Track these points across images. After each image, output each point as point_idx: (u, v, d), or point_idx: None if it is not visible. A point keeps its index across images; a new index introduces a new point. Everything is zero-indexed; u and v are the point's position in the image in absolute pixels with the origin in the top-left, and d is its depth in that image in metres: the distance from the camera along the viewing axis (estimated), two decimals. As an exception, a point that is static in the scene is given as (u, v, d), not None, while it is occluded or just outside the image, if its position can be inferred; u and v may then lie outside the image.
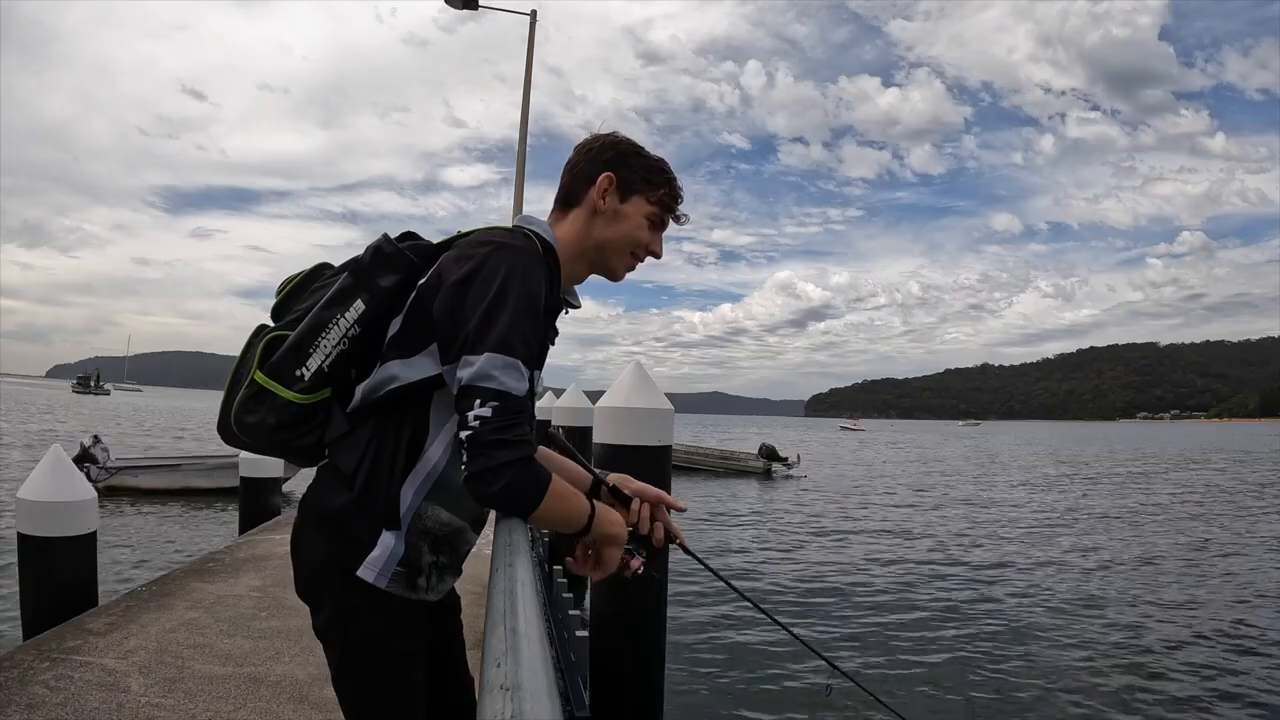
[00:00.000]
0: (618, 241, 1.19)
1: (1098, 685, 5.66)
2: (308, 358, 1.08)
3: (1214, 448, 47.15)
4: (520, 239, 1.09)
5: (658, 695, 2.65)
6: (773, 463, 23.91)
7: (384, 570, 1.08)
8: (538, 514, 0.99)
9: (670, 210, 1.23)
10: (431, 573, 1.13)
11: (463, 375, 0.98)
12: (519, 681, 1.09)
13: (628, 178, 1.19)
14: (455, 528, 1.14)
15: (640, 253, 1.22)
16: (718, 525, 13.38)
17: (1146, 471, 28.21)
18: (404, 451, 1.08)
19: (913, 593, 8.64)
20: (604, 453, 2.73)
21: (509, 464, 0.95)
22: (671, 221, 1.25)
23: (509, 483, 0.95)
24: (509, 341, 0.98)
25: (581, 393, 5.93)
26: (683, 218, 1.26)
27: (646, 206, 1.20)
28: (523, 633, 1.33)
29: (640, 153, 1.22)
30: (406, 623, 1.13)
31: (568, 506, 1.04)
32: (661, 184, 1.20)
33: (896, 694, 5.50)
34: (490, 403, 0.95)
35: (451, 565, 1.18)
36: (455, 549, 1.17)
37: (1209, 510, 16.36)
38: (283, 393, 1.08)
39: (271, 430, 1.10)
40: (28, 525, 3.44)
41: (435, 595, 1.18)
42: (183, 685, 2.60)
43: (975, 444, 56.18)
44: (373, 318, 1.09)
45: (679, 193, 1.23)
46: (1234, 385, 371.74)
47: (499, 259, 1.03)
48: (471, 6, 12.27)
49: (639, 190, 1.19)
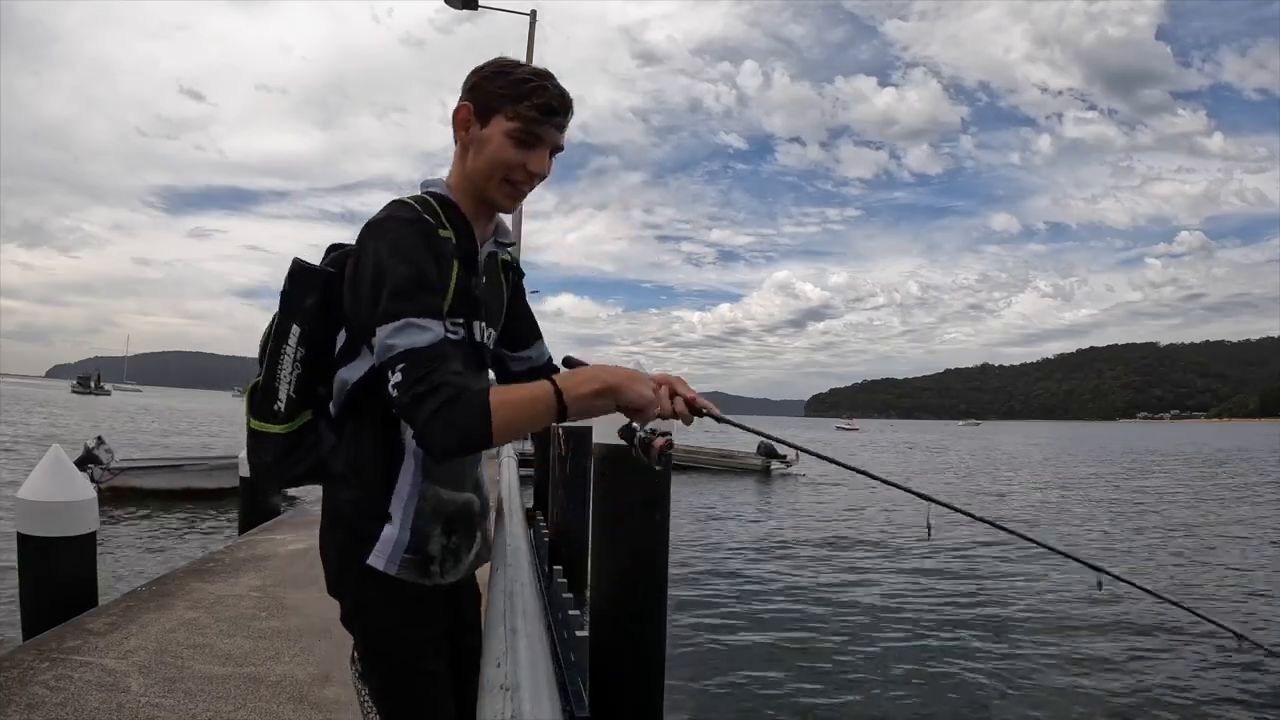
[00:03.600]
0: (484, 169, 1.14)
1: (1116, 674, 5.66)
2: (276, 392, 1.14)
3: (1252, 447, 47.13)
4: (394, 208, 1.10)
5: (658, 695, 2.65)
6: (771, 460, 23.95)
7: (392, 558, 1.11)
8: (499, 429, 0.98)
9: (539, 122, 1.11)
10: (446, 557, 1.16)
11: (375, 360, 1.03)
12: (519, 681, 1.09)
13: (484, 101, 1.13)
14: (460, 502, 1.17)
15: (514, 175, 1.14)
16: (717, 523, 13.38)
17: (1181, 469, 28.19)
18: (384, 443, 1.13)
19: (912, 583, 8.64)
20: (605, 453, 2.73)
21: (436, 412, 0.96)
22: (555, 129, 1.14)
23: (444, 427, 0.96)
24: (393, 310, 1.00)
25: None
26: (561, 109, 1.13)
27: (506, 124, 1.11)
28: (523, 632, 1.33)
29: (504, 71, 1.13)
30: (420, 610, 1.16)
31: (521, 402, 1.01)
32: (523, 96, 1.11)
33: (897, 693, 5.50)
34: (397, 368, 0.98)
35: (466, 544, 1.20)
36: (468, 523, 1.19)
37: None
38: (270, 429, 1.15)
39: (272, 466, 1.17)
40: (28, 525, 3.44)
41: (452, 577, 1.19)
42: (183, 685, 2.60)
43: (977, 443, 56.19)
44: (311, 338, 1.14)
45: (550, 102, 1.11)
46: (1234, 385, 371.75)
47: (366, 241, 1.06)
48: (471, 6, 12.28)
49: (497, 109, 1.12)
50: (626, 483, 2.74)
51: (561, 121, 1.15)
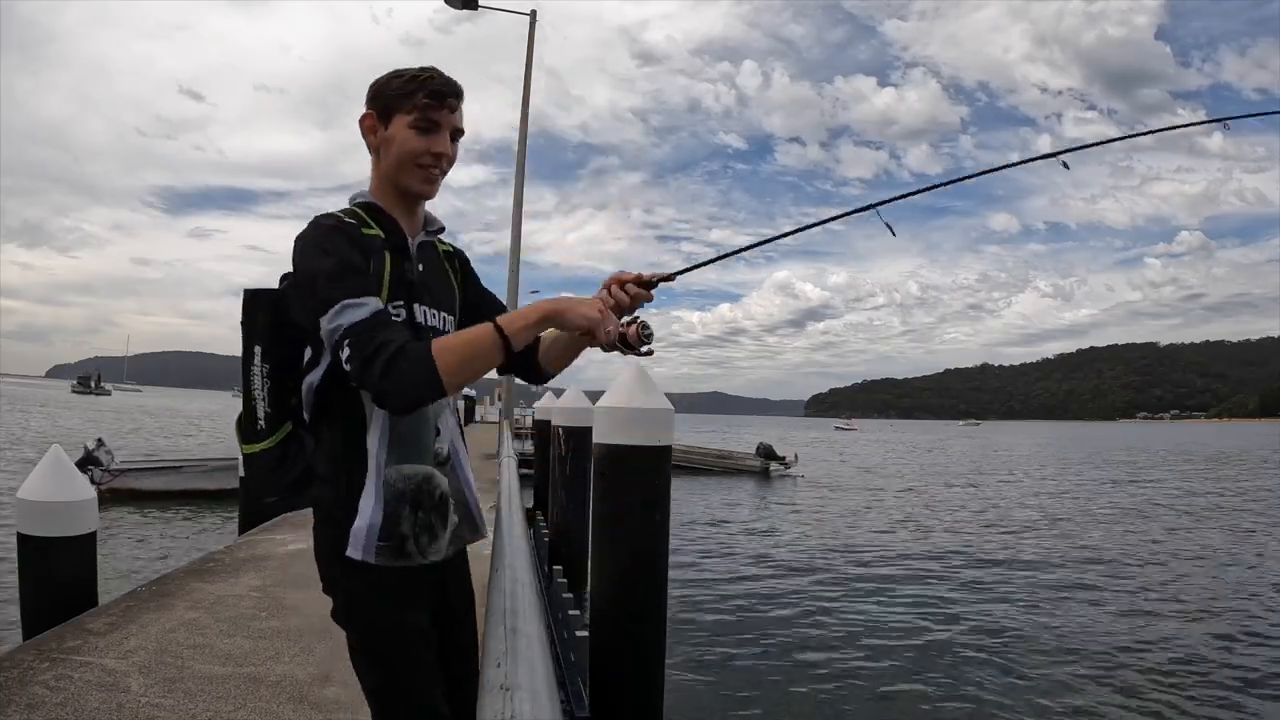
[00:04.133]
0: (396, 163, 1.23)
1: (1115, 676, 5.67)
2: (255, 411, 1.25)
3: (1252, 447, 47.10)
4: (314, 220, 1.20)
5: (658, 695, 2.65)
6: (770, 462, 23.94)
7: (368, 547, 1.16)
8: (446, 373, 1.07)
9: (433, 108, 1.21)
10: (420, 534, 1.20)
11: (327, 351, 1.14)
12: (519, 681, 1.09)
13: (384, 104, 1.23)
14: (420, 475, 1.22)
15: (422, 160, 1.23)
16: (716, 524, 13.38)
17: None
18: (350, 437, 1.20)
19: (908, 585, 8.64)
20: (605, 453, 2.73)
21: (385, 370, 1.05)
22: (448, 110, 1.23)
23: (395, 381, 1.06)
24: (327, 299, 1.10)
25: (581, 393, 5.92)
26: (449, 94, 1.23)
27: (405, 118, 1.21)
28: (523, 632, 1.33)
29: (396, 75, 1.24)
30: (404, 595, 1.21)
31: (462, 344, 1.11)
32: (412, 91, 1.21)
33: (897, 693, 5.50)
34: (345, 344, 1.08)
35: (439, 520, 1.24)
36: (433, 497, 1.23)
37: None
38: (258, 447, 1.26)
39: (264, 479, 1.27)
40: (27, 525, 3.44)
41: (434, 555, 1.23)
42: (183, 685, 2.60)
43: (979, 443, 56.19)
44: (274, 354, 1.24)
45: (439, 88, 1.22)
46: (1234, 385, 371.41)
47: (294, 254, 1.17)
48: (471, 6, 12.28)
49: (396, 108, 1.22)
50: (626, 483, 2.74)
51: (453, 104, 1.24)
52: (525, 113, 13.18)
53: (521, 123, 13.21)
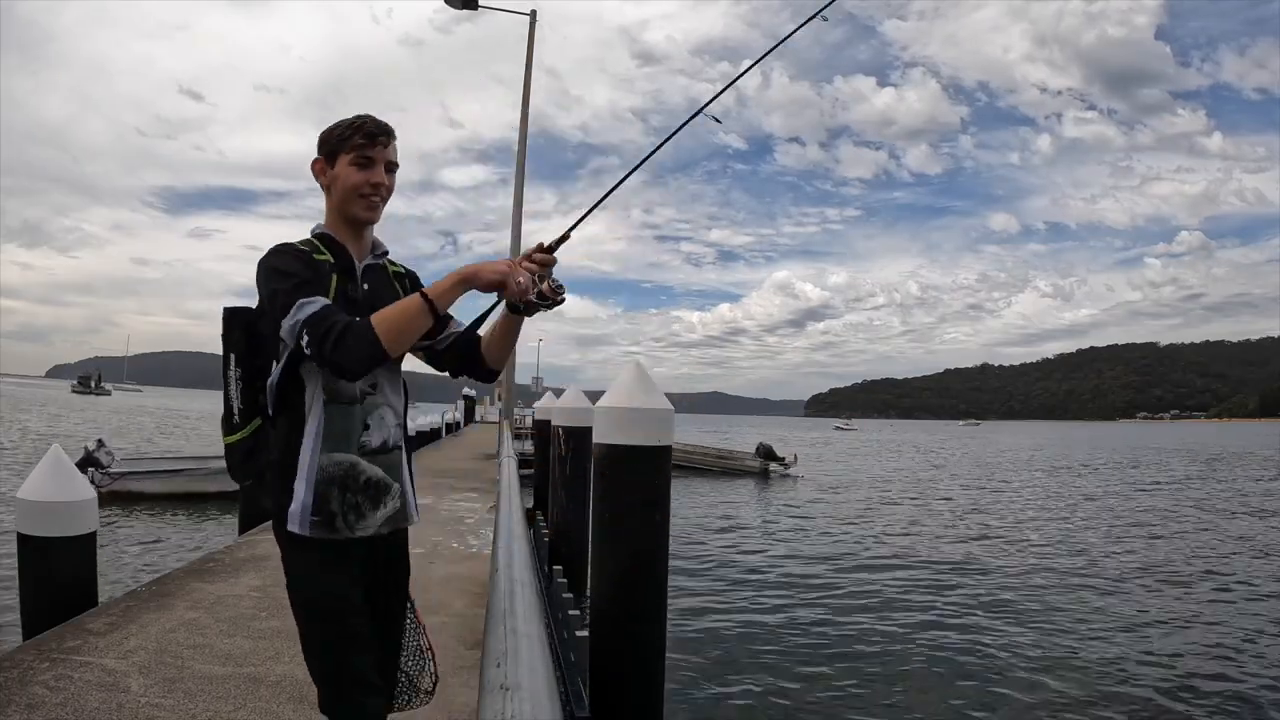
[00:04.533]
0: (342, 197, 1.47)
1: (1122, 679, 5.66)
2: (231, 408, 1.49)
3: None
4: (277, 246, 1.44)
5: (658, 695, 2.65)
6: (770, 462, 23.92)
7: (303, 522, 1.39)
8: (385, 338, 1.30)
9: (367, 145, 1.44)
10: (348, 512, 1.41)
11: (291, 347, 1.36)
12: (519, 681, 1.09)
13: (329, 150, 1.47)
14: (348, 463, 1.42)
15: (364, 190, 1.46)
16: (716, 525, 13.37)
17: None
18: (297, 424, 1.42)
19: (907, 588, 8.64)
20: (605, 453, 2.73)
21: (335, 345, 1.29)
22: (380, 146, 1.45)
23: (344, 352, 1.30)
24: (285, 303, 1.34)
25: (581, 393, 5.92)
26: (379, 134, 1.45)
27: (346, 157, 1.45)
28: (523, 633, 1.33)
29: (337, 124, 1.47)
30: (335, 562, 1.41)
31: (394, 312, 1.34)
32: (350, 135, 1.44)
33: (896, 693, 5.50)
34: (303, 333, 1.31)
35: (369, 501, 1.44)
36: (359, 481, 1.43)
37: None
38: (233, 439, 1.50)
39: (241, 466, 1.51)
40: (27, 525, 3.44)
41: (365, 531, 1.43)
42: (183, 685, 2.60)
43: (979, 443, 56.19)
44: (245, 361, 1.48)
45: (369, 128, 1.45)
46: (1234, 385, 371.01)
47: (259, 275, 1.40)
48: (471, 6, 12.27)
49: (339, 151, 1.46)
50: (626, 483, 2.74)
51: (385, 141, 1.46)
52: (525, 113, 13.18)
53: (522, 123, 13.21)
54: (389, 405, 1.49)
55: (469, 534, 5.95)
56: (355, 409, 1.43)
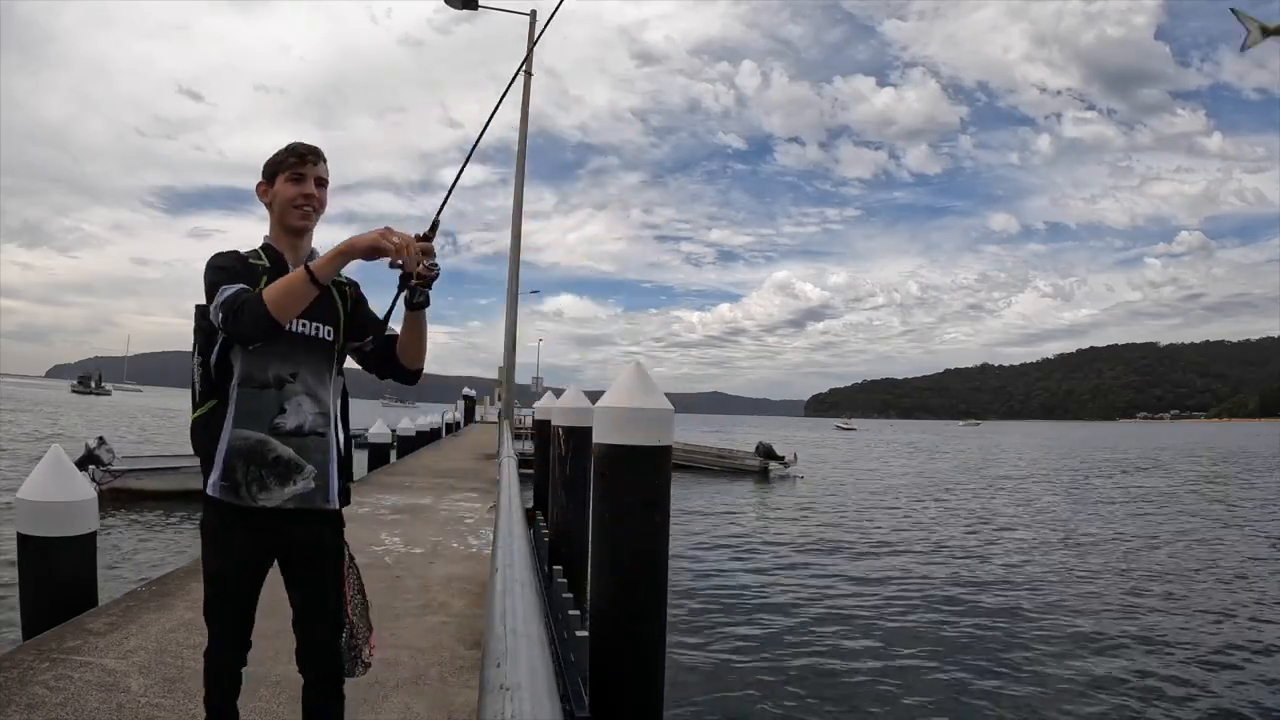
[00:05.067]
0: (280, 210, 1.72)
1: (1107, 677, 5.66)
2: (195, 388, 1.71)
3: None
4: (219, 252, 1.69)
5: (658, 695, 2.65)
6: (770, 461, 23.91)
7: (214, 485, 1.65)
8: (273, 306, 1.51)
9: (298, 164, 1.70)
10: (251, 482, 1.62)
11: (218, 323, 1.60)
12: (519, 681, 1.09)
13: (269, 172, 1.73)
14: (254, 440, 1.63)
15: (298, 201, 1.70)
16: (717, 525, 13.37)
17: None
18: (224, 402, 1.66)
19: (907, 586, 8.64)
20: (605, 453, 2.72)
21: (235, 319, 1.53)
22: (309, 164, 1.70)
23: (241, 322, 1.53)
24: (211, 293, 1.59)
25: (581, 393, 5.92)
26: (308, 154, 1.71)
27: (283, 176, 1.71)
28: (523, 633, 1.33)
29: (276, 151, 1.74)
30: (235, 525, 1.64)
31: (281, 284, 1.55)
32: (285, 157, 1.71)
33: (896, 693, 5.50)
34: (219, 313, 1.56)
35: (274, 477, 1.63)
36: (264, 458, 1.63)
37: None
38: (194, 415, 1.71)
39: (196, 438, 1.70)
40: (28, 525, 3.44)
41: (268, 502, 1.63)
42: (183, 685, 2.60)
43: (979, 443, 56.18)
44: (203, 350, 1.68)
45: (299, 149, 1.71)
46: (1234, 385, 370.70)
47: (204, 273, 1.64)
48: (471, 6, 12.26)
49: (277, 172, 1.72)
50: (626, 483, 2.74)
51: (313, 159, 1.71)
52: (525, 113, 13.17)
53: (521, 123, 13.20)
54: (309, 394, 1.68)
55: (469, 534, 5.96)
56: (270, 393, 1.64)
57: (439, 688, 2.76)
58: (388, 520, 6.53)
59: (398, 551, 5.25)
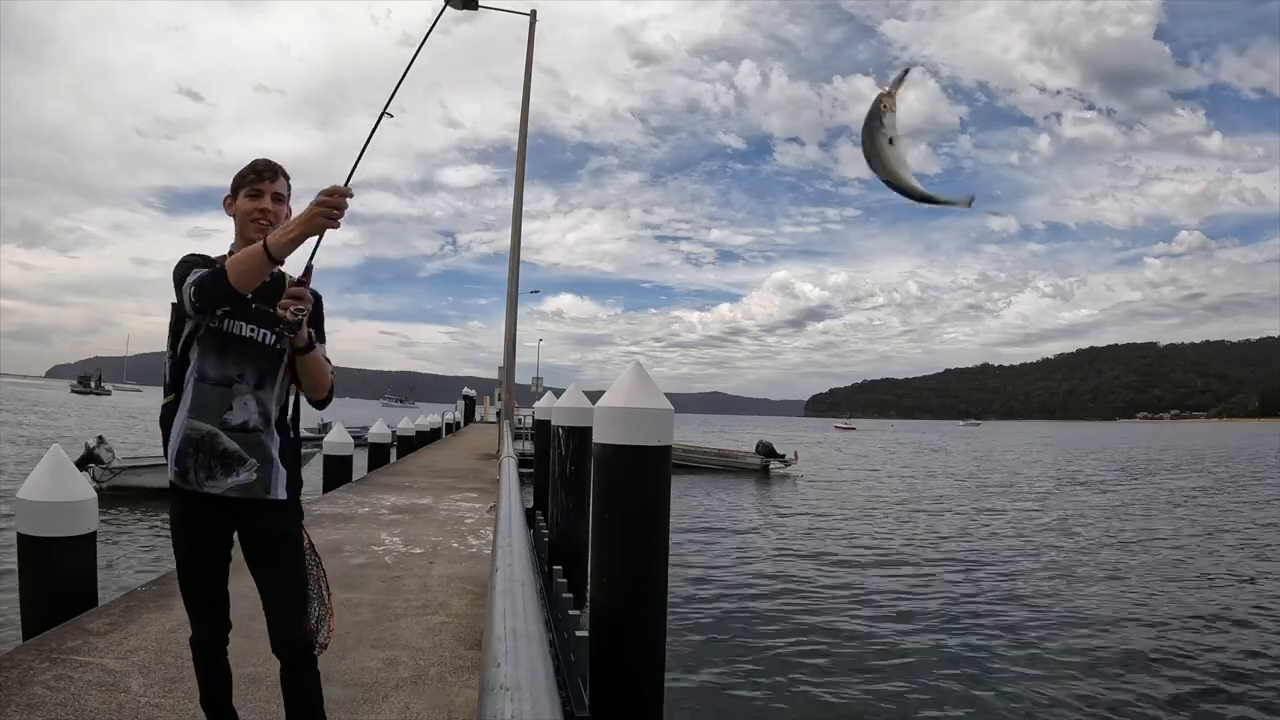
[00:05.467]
0: (241, 223, 1.88)
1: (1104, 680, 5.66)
2: (166, 376, 1.86)
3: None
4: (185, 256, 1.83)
5: (658, 695, 2.65)
6: (771, 460, 23.91)
7: (170, 470, 1.81)
8: (233, 276, 1.65)
9: (256, 180, 1.87)
10: (198, 470, 1.77)
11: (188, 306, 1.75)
12: (519, 681, 1.09)
13: (234, 189, 1.90)
14: (203, 431, 1.78)
15: (254, 215, 1.85)
16: (717, 524, 13.37)
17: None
18: (180, 395, 1.81)
19: (907, 584, 8.64)
20: (604, 453, 2.72)
21: (199, 291, 1.68)
22: (266, 180, 1.87)
23: (207, 292, 1.68)
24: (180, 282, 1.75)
25: (581, 393, 5.91)
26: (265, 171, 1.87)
27: (244, 191, 1.88)
28: (523, 633, 1.33)
29: (240, 170, 1.91)
30: (189, 510, 1.81)
31: (239, 256, 1.70)
32: (246, 174, 1.89)
33: (896, 693, 5.50)
34: (189, 292, 1.70)
35: (221, 467, 1.77)
36: (213, 449, 1.77)
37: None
38: (164, 403, 1.86)
39: (163, 424, 1.85)
40: (28, 525, 3.44)
41: (214, 489, 1.78)
42: (183, 685, 2.59)
43: (979, 443, 56.16)
44: (172, 342, 1.84)
45: (259, 166, 1.88)
46: (1234, 385, 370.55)
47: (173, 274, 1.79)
48: (471, 7, 12.26)
49: (239, 188, 1.89)
50: (626, 483, 2.74)
51: (270, 176, 1.88)
52: (525, 113, 13.17)
53: (522, 123, 13.20)
54: (253, 394, 1.82)
55: (469, 534, 5.95)
56: (218, 390, 1.79)
57: (439, 688, 2.76)
58: (388, 520, 6.53)
59: (398, 551, 5.25)
